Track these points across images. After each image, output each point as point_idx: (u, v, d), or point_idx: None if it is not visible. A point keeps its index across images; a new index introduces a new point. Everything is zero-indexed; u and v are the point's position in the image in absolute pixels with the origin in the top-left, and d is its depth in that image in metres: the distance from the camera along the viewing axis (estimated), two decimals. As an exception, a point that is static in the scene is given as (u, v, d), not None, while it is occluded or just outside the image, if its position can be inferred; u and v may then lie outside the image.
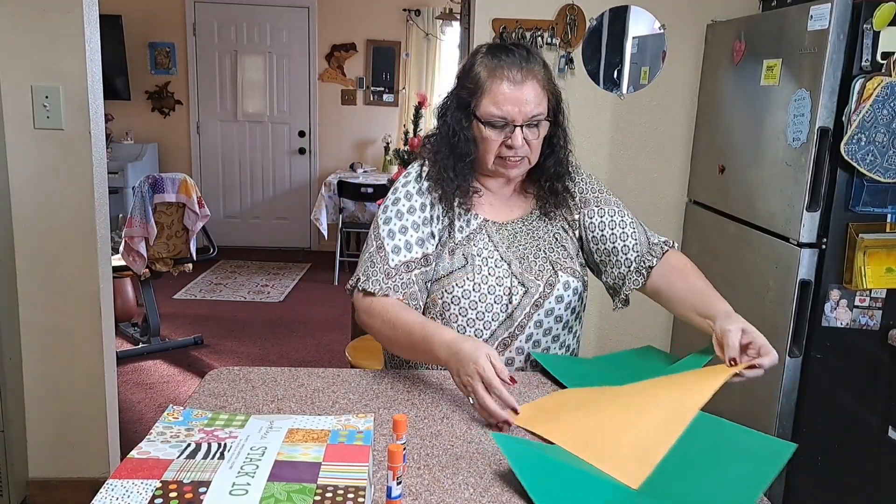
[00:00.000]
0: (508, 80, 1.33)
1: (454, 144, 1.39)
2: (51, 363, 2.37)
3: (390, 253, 1.37)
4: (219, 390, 1.27)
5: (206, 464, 0.84)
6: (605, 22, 2.80)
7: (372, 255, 1.38)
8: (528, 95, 1.33)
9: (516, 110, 1.33)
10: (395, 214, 1.40)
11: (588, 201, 1.49)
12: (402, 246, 1.38)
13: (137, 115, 6.17)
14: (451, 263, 1.40)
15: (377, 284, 1.35)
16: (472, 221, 1.44)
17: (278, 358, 4.01)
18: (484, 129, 1.36)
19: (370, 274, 1.37)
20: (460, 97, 1.39)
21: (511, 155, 1.37)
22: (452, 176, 1.39)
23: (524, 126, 1.34)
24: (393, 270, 1.36)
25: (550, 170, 1.45)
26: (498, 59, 1.35)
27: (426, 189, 1.42)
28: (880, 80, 1.91)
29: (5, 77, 2.19)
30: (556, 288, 1.41)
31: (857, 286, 2.05)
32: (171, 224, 3.93)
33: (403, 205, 1.41)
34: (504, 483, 0.99)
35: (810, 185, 2.06)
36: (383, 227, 1.40)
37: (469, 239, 1.42)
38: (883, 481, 2.16)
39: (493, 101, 1.34)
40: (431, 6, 6.11)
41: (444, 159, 1.40)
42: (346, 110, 6.39)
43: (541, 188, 1.47)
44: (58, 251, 2.30)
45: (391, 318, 1.31)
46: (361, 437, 0.92)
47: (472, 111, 1.37)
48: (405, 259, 1.37)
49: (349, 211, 5.57)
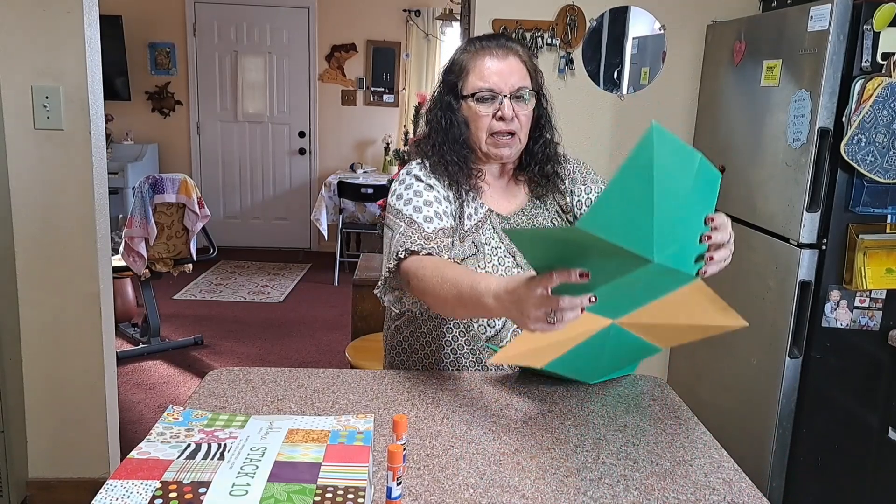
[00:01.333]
0: (491, 56, 1.38)
1: (447, 129, 1.41)
2: (51, 363, 2.37)
3: (423, 223, 1.34)
4: (219, 391, 1.27)
5: (206, 464, 0.84)
6: (605, 22, 2.80)
7: (404, 231, 1.33)
8: (512, 68, 1.38)
9: (502, 82, 1.37)
10: (414, 194, 1.39)
11: (576, 180, 1.53)
12: (432, 216, 1.36)
13: (137, 116, 6.17)
14: (463, 250, 1.40)
15: (419, 245, 1.30)
16: (479, 210, 1.44)
17: (278, 358, 4.01)
18: (473, 105, 1.39)
19: (410, 243, 1.31)
20: (447, 83, 1.43)
21: (503, 128, 1.38)
22: (456, 159, 1.41)
23: (512, 97, 1.37)
24: (432, 235, 1.33)
25: (538, 154, 1.47)
26: (478, 43, 1.41)
27: (434, 178, 1.43)
28: (880, 81, 1.91)
29: (5, 77, 2.19)
30: None
31: (857, 287, 2.05)
32: (171, 224, 3.93)
33: (418, 186, 1.40)
34: (504, 483, 0.99)
35: (810, 186, 2.06)
36: (406, 208, 1.37)
37: (477, 227, 1.43)
38: (883, 481, 2.16)
39: (478, 76, 1.38)
40: (431, 6, 6.11)
41: (442, 145, 1.42)
42: (346, 111, 6.39)
43: (531, 172, 1.49)
44: (58, 251, 2.30)
45: (441, 274, 1.21)
46: (361, 438, 0.92)
47: (459, 92, 1.40)
48: (440, 226, 1.35)
49: (349, 211, 5.57)
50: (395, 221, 1.38)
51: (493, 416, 1.21)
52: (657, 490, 1.00)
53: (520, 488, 0.98)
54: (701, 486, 1.02)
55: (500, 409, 1.24)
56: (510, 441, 1.12)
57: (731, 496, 1.00)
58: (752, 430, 2.29)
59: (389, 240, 1.38)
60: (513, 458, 1.07)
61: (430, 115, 1.46)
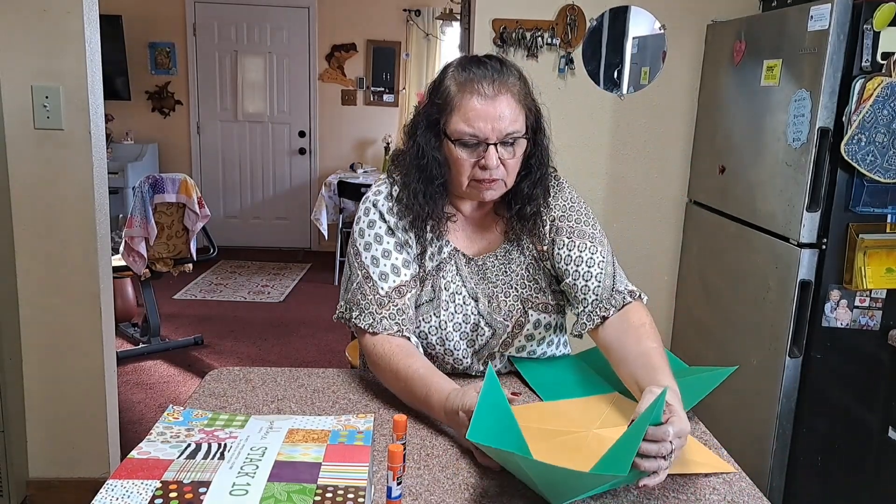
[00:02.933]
0: (479, 95, 1.21)
1: (422, 167, 1.27)
2: (51, 363, 2.37)
3: (378, 281, 1.28)
4: (219, 390, 1.27)
5: (206, 464, 0.84)
6: (606, 22, 2.80)
7: (360, 284, 1.29)
8: (502, 111, 1.22)
9: (489, 127, 1.21)
10: (374, 238, 1.31)
11: (561, 230, 1.36)
12: (388, 271, 1.29)
13: (137, 116, 6.17)
14: (420, 295, 1.33)
15: (370, 317, 1.27)
16: (443, 249, 1.35)
17: (278, 358, 4.01)
18: (455, 149, 1.24)
19: (362, 307, 1.28)
20: (430, 115, 1.27)
21: (486, 177, 1.25)
22: (423, 201, 1.28)
23: (498, 144, 1.23)
24: (385, 298, 1.27)
25: (524, 191, 1.32)
26: (468, 73, 1.24)
27: (396, 212, 1.32)
28: (880, 81, 1.91)
29: (5, 77, 2.19)
30: (526, 328, 1.36)
31: (857, 286, 2.05)
32: (172, 224, 3.93)
33: (380, 227, 1.32)
34: (504, 483, 0.99)
35: (810, 186, 2.06)
36: (364, 255, 1.30)
37: (438, 269, 1.34)
38: (883, 481, 2.16)
39: (463, 118, 1.22)
40: (431, 6, 6.11)
41: (414, 183, 1.29)
42: (346, 110, 6.39)
43: (509, 211, 1.35)
44: (58, 251, 2.30)
45: (395, 368, 1.21)
46: (361, 438, 0.92)
47: (441, 129, 1.26)
48: (395, 284, 1.28)
49: (349, 211, 5.57)
50: (353, 262, 1.32)
51: (493, 416, 1.21)
52: (657, 489, 1.00)
53: (519, 488, 0.98)
54: (701, 486, 1.02)
55: (500, 409, 1.24)
56: (510, 441, 1.12)
57: (731, 495, 1.00)
58: (752, 430, 2.29)
59: (346, 279, 1.34)
60: (513, 457, 1.07)
61: (409, 134, 1.32)
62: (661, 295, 2.97)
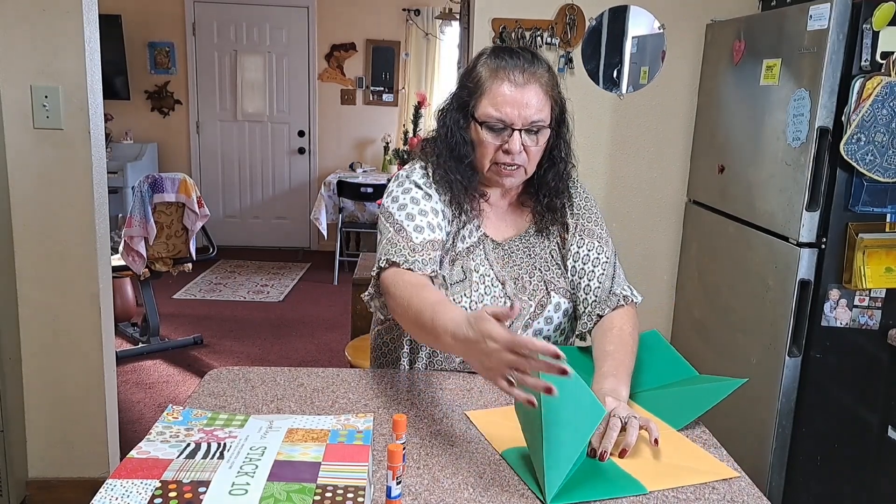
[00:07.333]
0: (509, 82, 1.28)
1: (452, 146, 1.34)
2: (51, 363, 2.37)
3: (412, 232, 1.29)
4: (218, 390, 1.27)
5: (206, 464, 0.84)
6: (605, 22, 2.80)
7: (391, 238, 1.29)
8: (530, 99, 1.28)
9: (516, 113, 1.28)
10: (411, 200, 1.33)
11: (574, 227, 1.43)
12: (424, 226, 1.30)
13: (137, 115, 6.17)
14: (451, 275, 1.35)
15: (402, 257, 1.26)
16: (473, 233, 1.39)
17: (278, 358, 4.01)
18: (481, 132, 1.31)
19: (393, 252, 1.27)
20: (460, 97, 1.34)
21: (507, 161, 1.31)
22: (459, 178, 1.34)
23: (523, 131, 1.29)
24: (419, 246, 1.27)
25: (550, 184, 1.39)
26: (500, 60, 1.30)
27: (433, 187, 1.36)
28: (880, 80, 1.91)
29: (5, 77, 2.19)
30: (547, 309, 1.38)
31: (856, 286, 2.05)
32: (171, 224, 3.93)
33: (416, 193, 1.35)
34: (504, 483, 0.99)
35: (810, 185, 2.06)
36: (399, 213, 1.32)
37: (469, 252, 1.38)
38: (883, 480, 2.16)
39: (491, 103, 1.29)
40: (431, 6, 6.11)
41: (447, 162, 1.35)
42: (346, 110, 6.39)
43: (538, 203, 1.41)
44: (58, 251, 2.30)
45: (409, 297, 1.18)
46: (361, 437, 0.92)
47: (470, 112, 1.32)
48: (429, 238, 1.29)
49: (349, 211, 5.57)
50: (385, 225, 1.33)
51: (492, 416, 1.21)
52: (657, 489, 1.00)
53: (519, 488, 0.98)
54: (701, 485, 1.02)
55: (500, 409, 1.24)
56: (510, 440, 1.12)
57: (731, 494, 1.00)
58: (751, 429, 2.29)
59: (378, 245, 1.34)
60: (512, 457, 1.07)
61: (440, 118, 1.38)
62: (661, 294, 2.97)
